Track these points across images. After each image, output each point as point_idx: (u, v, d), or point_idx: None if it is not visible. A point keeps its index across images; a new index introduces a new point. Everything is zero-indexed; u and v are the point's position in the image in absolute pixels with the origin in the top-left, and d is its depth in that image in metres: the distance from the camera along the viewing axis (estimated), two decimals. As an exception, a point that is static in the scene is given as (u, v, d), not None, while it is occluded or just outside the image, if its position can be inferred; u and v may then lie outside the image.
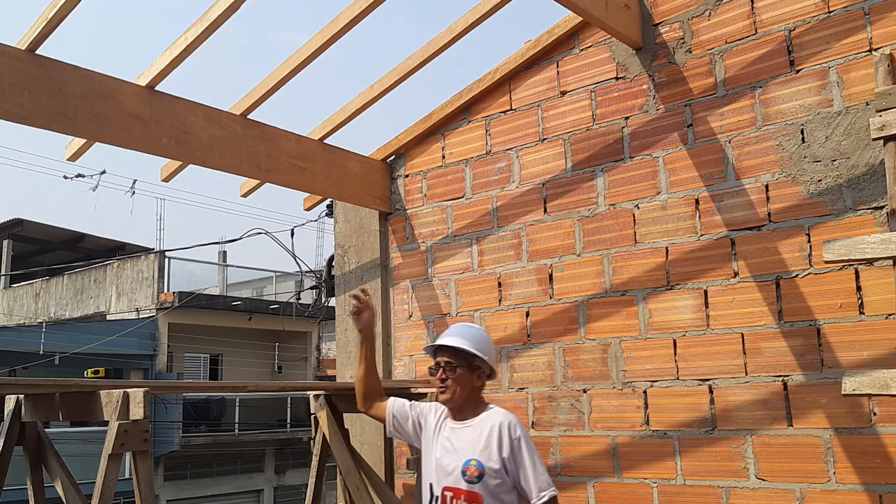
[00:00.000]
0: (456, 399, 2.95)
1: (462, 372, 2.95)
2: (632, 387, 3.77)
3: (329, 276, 8.31)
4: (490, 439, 2.84)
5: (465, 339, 3.01)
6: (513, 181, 4.32)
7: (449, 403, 2.98)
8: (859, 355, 3.20)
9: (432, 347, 3.07)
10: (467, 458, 2.83)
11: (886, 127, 2.87)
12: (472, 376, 2.97)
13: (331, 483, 4.39)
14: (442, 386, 2.97)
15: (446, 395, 2.96)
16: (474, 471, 2.82)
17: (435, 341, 3.08)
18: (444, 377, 2.96)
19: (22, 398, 3.41)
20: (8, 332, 19.57)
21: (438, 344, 3.03)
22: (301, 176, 4.34)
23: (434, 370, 3.02)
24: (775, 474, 3.35)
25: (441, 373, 2.97)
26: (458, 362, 2.96)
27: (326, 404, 4.22)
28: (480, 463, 2.82)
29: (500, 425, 2.86)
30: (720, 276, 3.58)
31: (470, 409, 2.97)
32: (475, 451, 2.84)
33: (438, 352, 3.03)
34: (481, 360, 2.98)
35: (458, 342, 2.97)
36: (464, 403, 2.96)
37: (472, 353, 2.95)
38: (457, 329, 3.12)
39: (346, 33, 3.74)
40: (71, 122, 3.37)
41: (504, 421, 2.88)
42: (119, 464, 3.01)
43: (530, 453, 2.82)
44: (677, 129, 3.78)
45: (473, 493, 2.80)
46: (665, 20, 3.87)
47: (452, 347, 2.97)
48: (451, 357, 2.96)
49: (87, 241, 25.50)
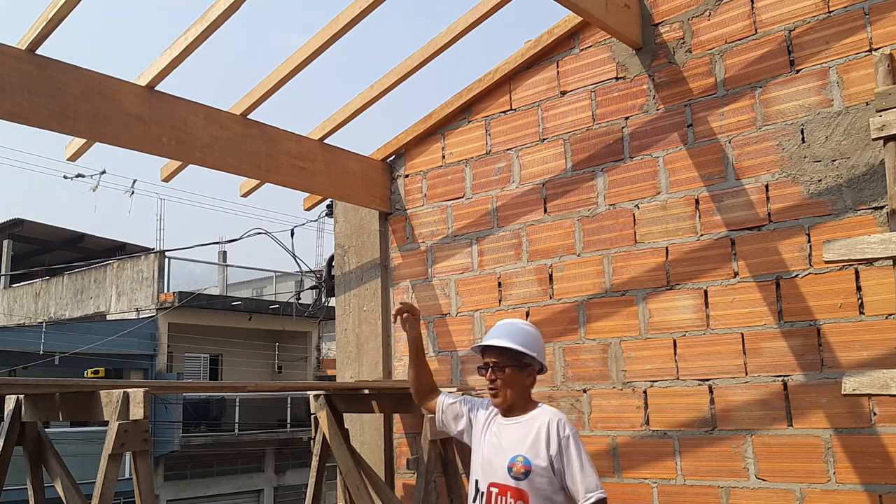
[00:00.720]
0: (507, 399, 2.90)
1: (511, 371, 2.90)
2: (632, 387, 3.77)
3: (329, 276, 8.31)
4: (538, 437, 2.80)
5: (513, 337, 2.94)
6: (513, 181, 4.32)
7: (500, 404, 2.93)
8: (859, 355, 3.20)
9: (479, 347, 3.02)
10: (514, 455, 2.79)
11: (886, 127, 2.87)
12: (522, 374, 2.92)
13: (331, 483, 4.40)
14: (492, 387, 2.92)
15: (496, 395, 2.92)
16: (520, 467, 2.77)
17: (482, 340, 3.03)
18: (492, 378, 2.91)
19: (22, 398, 3.41)
20: (8, 332, 19.57)
21: (485, 344, 2.97)
22: (301, 176, 4.34)
23: (483, 370, 2.97)
24: (775, 474, 3.35)
25: (490, 373, 2.92)
26: (506, 362, 2.90)
27: (326, 404, 4.22)
28: (527, 459, 2.77)
29: (548, 423, 2.82)
30: (720, 276, 3.58)
31: (520, 407, 2.91)
32: (522, 448, 2.80)
33: (486, 352, 2.96)
34: (531, 357, 2.91)
35: (505, 342, 2.90)
36: (515, 402, 2.91)
37: (521, 351, 2.89)
38: (504, 327, 3.05)
39: (345, 33, 3.74)
40: (71, 122, 3.37)
41: (553, 419, 2.84)
42: (119, 464, 3.01)
43: (578, 453, 2.76)
44: (677, 129, 3.78)
45: (520, 490, 2.75)
46: (665, 20, 3.87)
47: (500, 347, 2.91)
48: (499, 357, 2.90)
49: (87, 241, 25.50)
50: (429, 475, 4.02)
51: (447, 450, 4.22)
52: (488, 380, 2.93)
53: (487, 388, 2.95)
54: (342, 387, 4.54)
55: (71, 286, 23.56)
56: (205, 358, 22.86)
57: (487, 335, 3.02)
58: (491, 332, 3.03)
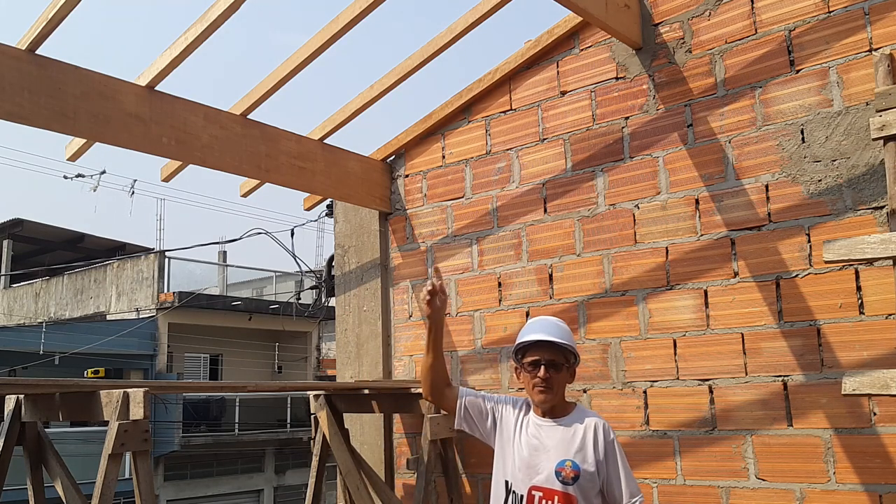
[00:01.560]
0: (556, 399, 2.82)
1: (565, 371, 2.84)
2: (632, 387, 3.77)
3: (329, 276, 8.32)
4: (585, 440, 2.74)
5: (562, 335, 2.86)
6: (513, 181, 4.32)
7: (548, 403, 2.83)
8: (859, 355, 3.20)
9: (531, 342, 2.86)
10: (562, 459, 2.72)
11: (886, 127, 2.87)
12: (569, 375, 2.87)
13: (331, 483, 4.40)
14: (545, 386, 2.81)
15: (548, 395, 2.81)
16: (570, 472, 2.70)
17: (526, 335, 2.89)
18: (546, 376, 2.80)
19: (22, 398, 3.42)
20: (8, 332, 19.57)
21: (541, 339, 2.84)
22: (301, 176, 4.34)
23: (532, 368, 2.84)
24: (775, 474, 3.34)
25: (543, 371, 2.80)
26: (562, 360, 2.82)
27: (326, 404, 4.23)
28: (576, 464, 2.71)
29: (594, 426, 2.76)
30: (720, 276, 3.58)
31: (561, 407, 2.85)
32: (570, 452, 2.73)
33: (537, 349, 2.84)
34: (576, 356, 2.87)
35: (560, 339, 2.82)
36: (559, 402, 2.84)
37: (574, 352, 2.84)
38: (549, 324, 2.94)
39: (345, 33, 3.74)
40: (71, 122, 3.37)
41: (599, 423, 2.78)
42: (119, 464, 3.01)
43: (622, 457, 2.74)
44: (677, 129, 3.78)
45: (568, 495, 2.67)
46: (665, 20, 3.87)
47: (556, 345, 2.82)
48: (555, 355, 2.81)
49: (87, 241, 25.50)
50: (429, 475, 4.02)
51: (447, 450, 4.22)
52: (540, 378, 2.80)
53: (535, 387, 2.82)
54: (342, 387, 4.54)
55: (71, 286, 23.56)
56: (205, 358, 22.86)
57: (532, 330, 2.90)
58: (536, 328, 2.90)
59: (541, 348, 2.82)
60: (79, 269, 23.58)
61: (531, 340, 2.85)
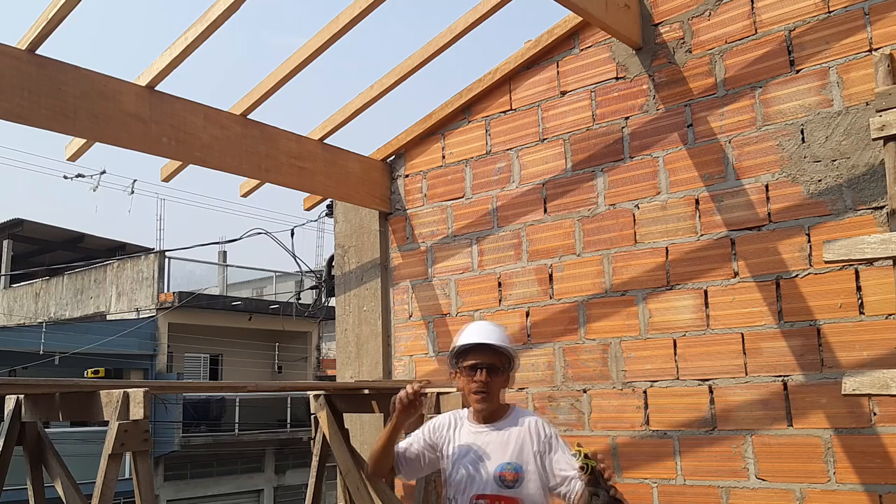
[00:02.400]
0: (493, 403, 2.77)
1: (504, 375, 2.78)
2: (632, 387, 3.77)
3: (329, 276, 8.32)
4: (523, 441, 2.69)
5: (501, 340, 2.80)
6: (513, 181, 4.32)
7: (486, 409, 2.78)
8: (859, 355, 3.20)
9: (470, 345, 2.80)
10: (502, 462, 2.67)
11: (886, 127, 2.87)
12: (507, 379, 2.81)
13: (331, 483, 4.40)
14: (482, 390, 2.75)
15: (486, 399, 2.75)
16: (511, 475, 2.65)
17: (465, 339, 2.83)
18: (485, 380, 2.74)
19: (22, 398, 3.41)
20: (8, 332, 19.57)
21: (480, 342, 2.78)
22: (301, 176, 4.34)
23: (471, 372, 2.77)
24: (775, 474, 3.34)
25: (483, 375, 2.74)
26: (501, 364, 2.77)
27: (326, 404, 4.22)
28: (517, 466, 2.66)
29: (528, 424, 2.71)
30: (720, 276, 3.58)
31: (498, 412, 2.79)
32: (509, 455, 2.68)
33: (477, 352, 2.78)
34: (515, 362, 2.82)
35: (503, 344, 2.77)
36: (497, 406, 2.79)
37: (513, 356, 2.79)
38: (489, 329, 2.89)
39: (345, 33, 3.74)
40: (71, 122, 3.37)
41: (535, 421, 2.74)
42: (119, 464, 3.01)
43: (564, 445, 2.66)
44: (677, 129, 3.78)
45: (513, 498, 2.63)
46: (665, 20, 3.87)
47: (494, 349, 2.76)
48: (494, 358, 2.76)
49: (87, 241, 25.50)
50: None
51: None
52: (478, 382, 2.74)
53: (473, 391, 2.76)
54: (342, 387, 4.54)
55: (71, 286, 23.56)
56: (205, 358, 22.87)
57: (471, 334, 2.83)
58: (475, 333, 2.84)
59: (480, 352, 2.77)
60: (79, 269, 23.58)
61: (470, 343, 2.79)
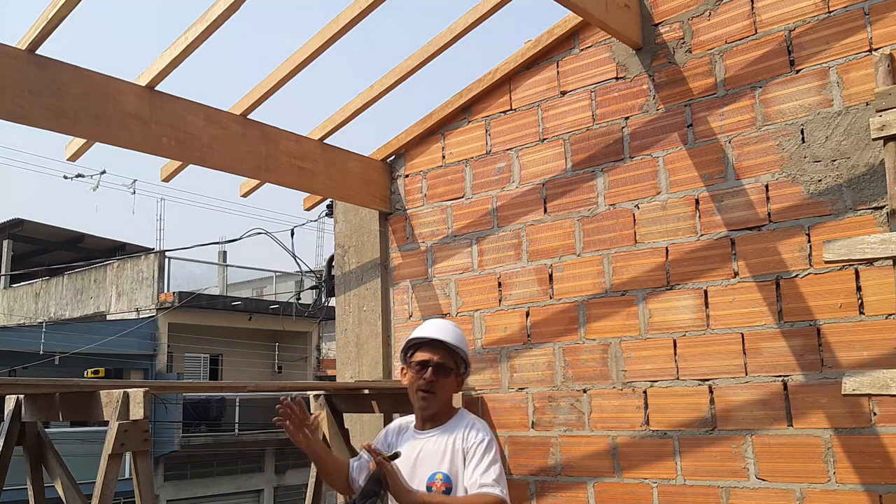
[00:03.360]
0: (438, 405, 2.65)
1: (452, 378, 2.66)
2: (632, 387, 3.77)
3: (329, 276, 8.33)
4: (455, 449, 2.57)
5: (456, 339, 2.66)
6: (513, 181, 4.32)
7: (429, 410, 2.66)
8: (859, 355, 3.20)
9: (423, 340, 2.65)
10: (433, 472, 2.56)
11: (886, 127, 2.87)
12: (457, 381, 2.69)
13: (331, 483, 4.39)
14: (427, 389, 2.63)
15: (431, 400, 2.63)
16: (441, 485, 2.53)
17: (419, 333, 2.69)
18: (431, 379, 2.62)
19: (22, 398, 3.41)
20: (8, 332, 19.58)
21: (434, 339, 2.65)
22: (301, 176, 4.34)
23: (420, 368, 2.64)
24: (775, 474, 3.35)
25: (430, 373, 2.62)
26: (451, 364, 2.65)
27: (326, 404, 4.22)
28: (447, 476, 2.54)
29: (464, 430, 2.58)
30: (720, 276, 3.58)
31: (442, 415, 2.67)
32: (440, 463, 2.57)
33: (429, 348, 2.66)
34: (467, 365, 2.70)
35: (457, 344, 2.63)
36: (442, 409, 2.67)
37: (467, 359, 2.66)
38: (444, 327, 2.76)
39: (345, 33, 3.73)
40: (71, 122, 3.37)
41: (469, 424, 2.60)
42: (119, 464, 3.01)
43: (485, 455, 2.48)
44: (677, 129, 3.78)
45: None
46: (665, 20, 3.87)
47: (447, 348, 2.63)
48: (445, 357, 2.65)
49: (87, 241, 25.52)
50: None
51: (447, 450, 4.21)
52: (425, 379, 2.62)
53: (418, 389, 2.65)
54: (342, 387, 4.54)
55: (71, 286, 23.57)
56: (205, 358, 22.89)
57: (426, 330, 2.70)
58: (430, 329, 2.72)
59: (432, 348, 2.65)
60: (79, 269, 23.59)
61: (424, 338, 2.67)
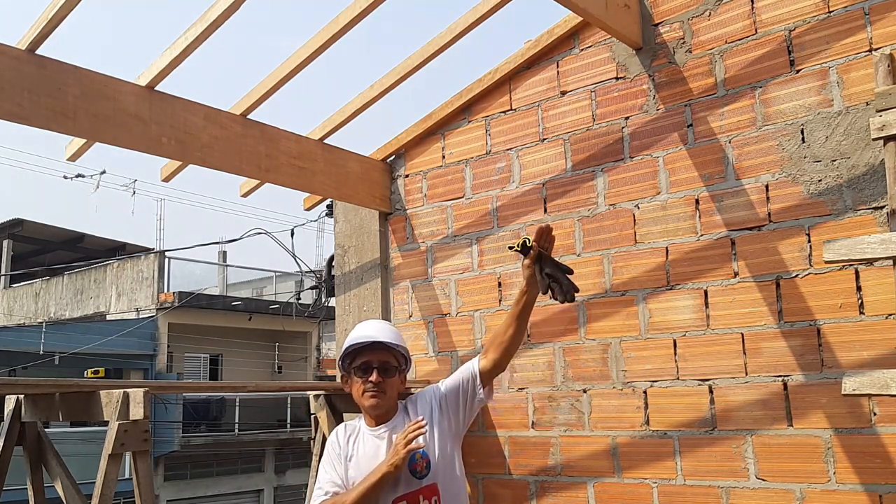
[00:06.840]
0: (387, 404, 2.72)
1: (397, 376, 2.74)
2: (632, 387, 3.77)
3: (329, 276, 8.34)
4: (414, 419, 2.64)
5: (394, 338, 2.75)
6: (513, 181, 4.32)
7: (378, 409, 2.72)
8: (859, 355, 3.20)
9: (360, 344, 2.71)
10: (411, 455, 2.58)
11: (886, 127, 2.87)
12: (400, 379, 2.78)
13: (331, 483, 4.39)
14: (376, 390, 2.68)
15: (380, 399, 2.69)
16: (422, 461, 2.61)
17: (353, 338, 2.76)
18: (378, 380, 2.68)
19: (22, 398, 3.41)
20: (8, 332, 19.59)
21: (372, 341, 2.72)
22: (301, 176, 4.34)
23: (363, 373, 2.70)
24: (775, 474, 3.35)
25: (376, 375, 2.69)
26: (396, 364, 2.73)
27: (326, 404, 4.22)
28: (423, 451, 2.61)
29: (412, 403, 2.72)
30: (720, 276, 3.58)
31: (391, 411, 2.76)
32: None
33: (368, 351, 2.72)
34: (408, 361, 2.81)
35: (395, 342, 2.72)
36: (390, 407, 2.75)
37: (407, 354, 2.76)
38: (383, 327, 2.84)
39: (345, 33, 3.73)
40: (71, 122, 3.37)
41: (412, 398, 2.74)
42: (119, 464, 3.01)
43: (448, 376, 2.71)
44: (677, 129, 3.78)
45: (428, 486, 2.59)
46: (665, 20, 3.87)
47: (386, 347, 2.70)
48: (388, 357, 2.72)
49: (87, 241, 25.53)
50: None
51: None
52: (371, 382, 2.68)
53: (366, 392, 2.70)
54: (342, 387, 4.54)
55: (71, 286, 23.58)
56: (205, 358, 22.90)
57: (365, 333, 2.77)
58: (369, 331, 2.78)
59: (371, 351, 2.70)
60: (79, 269, 23.60)
61: (360, 343, 2.72)
